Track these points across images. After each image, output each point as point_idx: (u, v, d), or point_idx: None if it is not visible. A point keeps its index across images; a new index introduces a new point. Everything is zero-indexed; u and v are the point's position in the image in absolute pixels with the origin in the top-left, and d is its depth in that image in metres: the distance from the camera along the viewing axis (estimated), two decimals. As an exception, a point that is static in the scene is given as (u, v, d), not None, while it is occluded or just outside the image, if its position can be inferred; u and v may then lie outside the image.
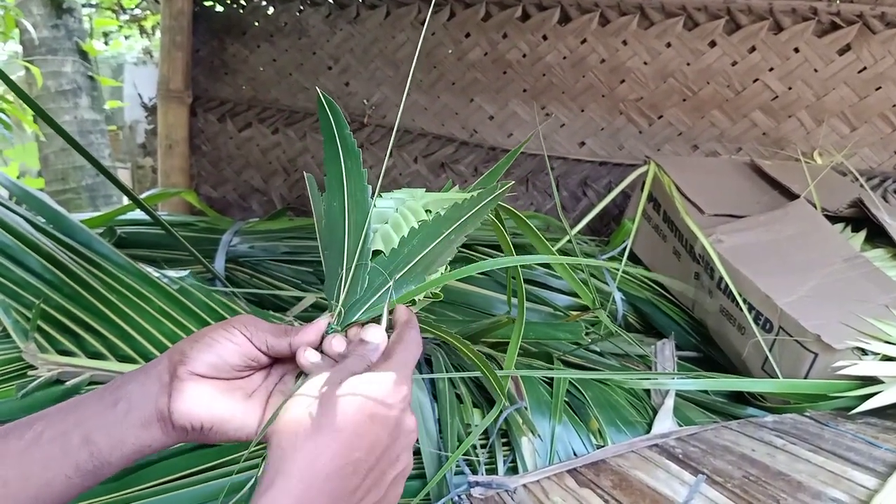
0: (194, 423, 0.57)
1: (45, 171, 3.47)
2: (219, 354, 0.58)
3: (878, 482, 0.81)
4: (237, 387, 0.60)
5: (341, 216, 0.69)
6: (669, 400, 1.11)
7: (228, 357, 0.58)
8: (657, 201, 1.60)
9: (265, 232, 1.62)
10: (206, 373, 0.58)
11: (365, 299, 0.65)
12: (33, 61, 3.22)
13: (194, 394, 0.57)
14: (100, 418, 0.56)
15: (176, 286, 1.11)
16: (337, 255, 0.68)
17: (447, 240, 0.69)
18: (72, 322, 1.02)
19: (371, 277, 0.66)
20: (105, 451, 0.55)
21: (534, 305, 1.46)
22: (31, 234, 1.08)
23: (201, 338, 0.58)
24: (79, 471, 0.55)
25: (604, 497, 0.85)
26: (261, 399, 0.61)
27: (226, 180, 2.47)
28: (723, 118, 1.94)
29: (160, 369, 0.58)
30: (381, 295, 0.65)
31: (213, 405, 0.58)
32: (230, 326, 0.59)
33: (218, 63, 2.38)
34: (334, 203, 0.70)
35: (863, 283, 1.22)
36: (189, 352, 0.57)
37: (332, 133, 0.71)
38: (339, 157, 0.71)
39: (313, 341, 0.60)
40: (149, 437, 0.57)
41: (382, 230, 0.70)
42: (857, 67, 1.81)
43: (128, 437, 0.56)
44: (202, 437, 0.58)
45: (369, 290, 0.66)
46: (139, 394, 0.57)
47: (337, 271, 0.67)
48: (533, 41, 2.02)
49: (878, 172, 1.87)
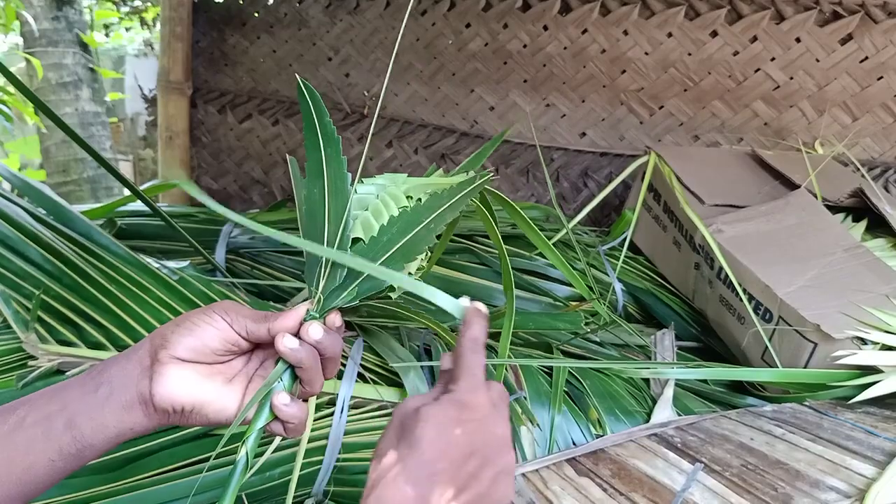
0: (175, 405, 0.58)
1: (46, 163, 3.47)
2: (200, 338, 0.59)
3: (876, 471, 0.81)
4: (218, 371, 0.61)
5: (321, 203, 0.69)
6: (668, 389, 1.11)
7: (209, 341, 0.59)
8: (658, 192, 1.60)
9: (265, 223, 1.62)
10: (187, 357, 0.58)
11: (344, 286, 0.66)
12: (34, 53, 3.22)
13: (175, 377, 0.58)
14: (82, 402, 0.56)
15: (176, 277, 1.11)
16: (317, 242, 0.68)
17: (426, 228, 0.69)
18: (72, 312, 1.02)
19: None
20: (88, 434, 0.56)
21: (533, 296, 1.46)
22: (32, 224, 1.08)
23: (182, 322, 0.59)
24: (62, 454, 0.55)
25: (602, 486, 0.85)
26: (241, 383, 0.62)
27: (226, 172, 2.47)
28: (724, 108, 1.93)
29: (141, 353, 0.59)
30: (360, 282, 0.66)
31: (194, 388, 0.59)
32: (211, 312, 0.60)
33: (218, 54, 2.38)
34: (314, 190, 0.69)
35: (863, 273, 1.22)
36: (171, 336, 0.58)
37: (311, 120, 0.71)
38: (319, 144, 0.70)
39: (292, 327, 0.60)
40: (131, 420, 0.58)
41: (362, 217, 0.70)
42: (859, 57, 1.80)
43: (110, 421, 0.57)
44: (183, 420, 0.60)
45: (349, 278, 0.66)
46: (120, 377, 0.58)
47: (317, 258, 0.67)
48: (533, 31, 2.01)
49: (879, 162, 1.87)
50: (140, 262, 1.10)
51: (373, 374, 1.05)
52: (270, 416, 0.60)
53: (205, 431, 0.96)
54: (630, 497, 0.82)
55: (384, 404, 1.02)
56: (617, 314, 1.54)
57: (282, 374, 0.61)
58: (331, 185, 0.69)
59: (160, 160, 2.40)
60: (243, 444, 0.59)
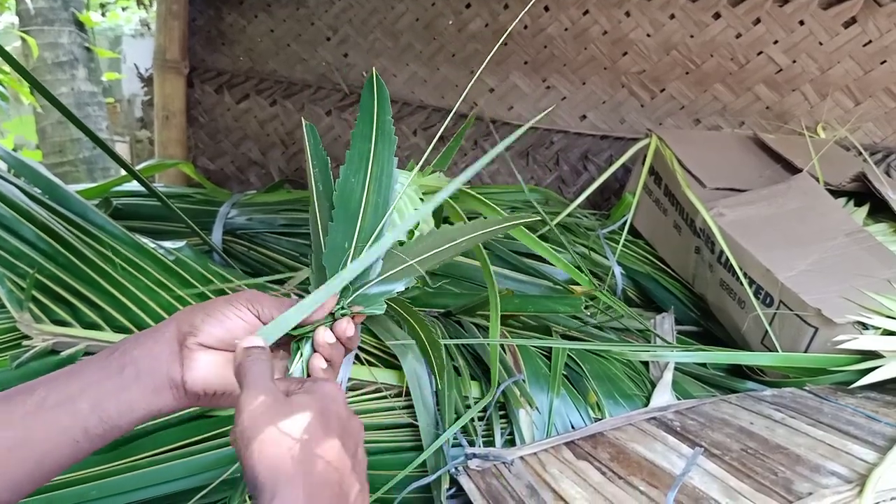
0: (208, 389, 0.60)
1: (42, 143, 3.44)
2: (228, 329, 0.60)
3: (877, 456, 0.81)
4: None
5: (358, 194, 0.70)
6: (668, 373, 1.11)
7: (236, 332, 0.60)
8: (658, 175, 1.59)
9: (263, 204, 1.61)
10: (214, 345, 0.60)
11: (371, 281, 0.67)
12: (29, 32, 3.18)
13: (205, 363, 0.59)
14: (106, 384, 0.57)
15: (172, 257, 1.10)
16: (345, 231, 0.68)
17: (455, 247, 0.73)
18: (67, 292, 1.01)
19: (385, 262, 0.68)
20: (115, 416, 0.56)
21: (533, 279, 1.45)
22: (26, 203, 1.07)
23: (212, 312, 0.60)
24: (87, 435, 0.56)
25: (601, 469, 0.85)
26: None
27: (223, 152, 2.45)
28: (726, 92, 1.91)
29: (168, 337, 0.60)
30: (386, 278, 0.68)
31: (224, 374, 0.60)
32: (238, 303, 0.61)
33: (215, 33, 2.35)
34: (352, 178, 0.70)
35: (864, 258, 1.21)
36: (200, 325, 0.59)
37: (371, 112, 0.73)
38: (372, 136, 0.72)
39: (321, 318, 0.64)
40: (160, 402, 0.59)
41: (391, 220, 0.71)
42: (863, 41, 1.78)
43: (138, 403, 0.57)
44: (212, 403, 0.62)
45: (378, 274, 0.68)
46: (148, 360, 0.58)
47: (343, 246, 0.67)
48: (534, 12, 1.99)
49: (881, 147, 1.85)
50: (136, 242, 1.09)
51: (371, 356, 1.05)
52: None
53: (199, 413, 0.95)
54: (629, 480, 0.82)
55: (381, 386, 1.02)
56: (616, 298, 1.54)
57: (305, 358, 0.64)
58: (375, 181, 0.70)
59: (156, 140, 2.38)
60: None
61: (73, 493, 0.86)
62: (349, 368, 0.99)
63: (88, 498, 0.86)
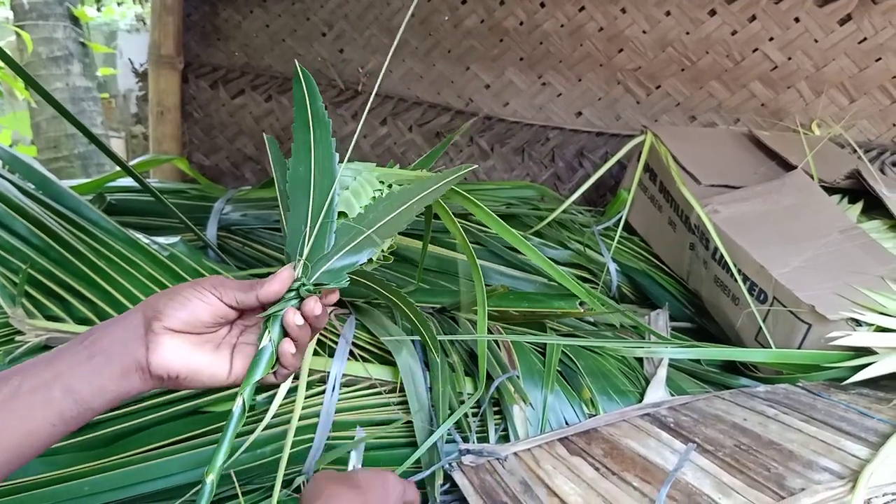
0: (171, 372, 0.63)
1: (36, 138, 3.43)
2: (191, 312, 0.63)
3: (870, 452, 0.81)
4: (206, 340, 0.66)
5: (307, 180, 0.75)
6: (662, 370, 1.11)
7: (200, 315, 0.63)
8: (653, 172, 1.59)
9: (257, 200, 1.61)
10: (179, 328, 0.63)
11: (329, 256, 0.71)
12: (24, 26, 3.17)
13: (169, 347, 0.62)
14: (78, 370, 0.60)
15: (166, 253, 1.09)
16: (300, 215, 0.73)
17: (408, 209, 0.75)
18: (59, 287, 1.01)
19: (337, 236, 0.72)
20: (88, 398, 0.59)
21: (527, 275, 1.45)
22: (19, 199, 1.07)
23: (175, 296, 0.63)
24: (63, 418, 0.58)
25: (595, 465, 0.85)
26: (227, 350, 0.68)
27: (218, 148, 2.45)
28: (721, 89, 1.92)
29: (135, 323, 0.63)
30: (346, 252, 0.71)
31: (187, 357, 0.63)
32: (201, 288, 0.64)
33: (210, 28, 2.35)
34: (300, 168, 0.75)
35: (858, 255, 1.21)
36: (164, 309, 0.62)
37: (304, 102, 0.77)
38: (309, 126, 0.76)
39: (278, 292, 0.66)
40: (128, 384, 0.62)
41: (343, 196, 0.77)
42: (858, 38, 1.79)
43: (109, 386, 0.60)
44: (177, 385, 0.65)
45: (335, 248, 0.71)
46: (117, 346, 0.61)
47: (300, 229, 0.72)
48: (530, 8, 1.99)
49: (876, 144, 1.86)
50: (129, 238, 1.09)
51: (364, 352, 1.05)
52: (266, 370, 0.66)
53: (193, 409, 0.95)
54: (622, 476, 0.82)
55: (375, 382, 1.02)
56: (611, 295, 1.54)
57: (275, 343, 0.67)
58: (318, 165, 0.75)
59: (151, 136, 2.38)
60: (240, 395, 0.64)
61: (65, 488, 0.86)
62: (344, 364, 0.99)
63: (82, 494, 0.86)
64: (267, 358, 0.66)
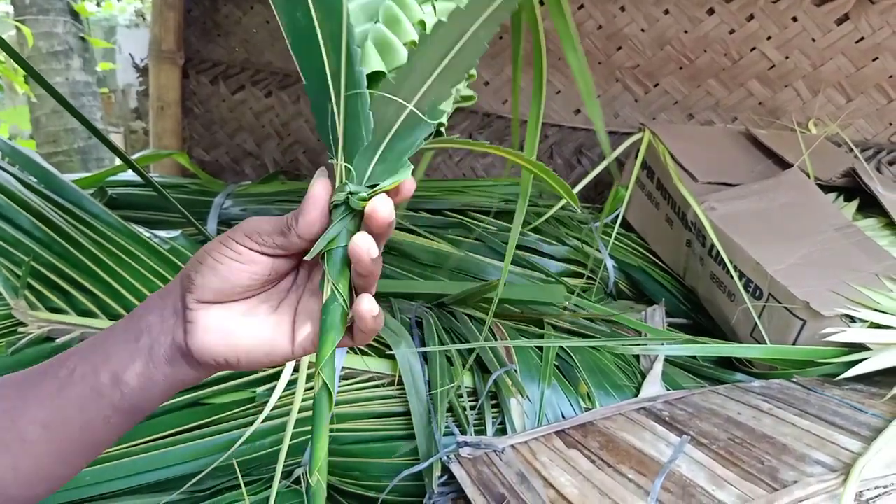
0: (216, 357, 0.51)
1: (36, 133, 3.43)
2: (225, 278, 0.49)
3: (862, 446, 0.82)
4: (260, 303, 0.52)
5: (311, 29, 0.49)
6: (658, 365, 1.12)
7: (237, 279, 0.49)
8: (651, 169, 1.60)
9: (258, 195, 1.62)
10: (215, 299, 0.50)
11: (376, 143, 0.48)
12: (24, 21, 3.17)
13: (209, 326, 0.50)
14: (125, 353, 0.50)
15: (167, 246, 1.10)
16: (320, 86, 0.49)
17: (475, 37, 0.46)
18: (62, 280, 1.01)
19: (379, 112, 0.48)
20: (137, 392, 0.50)
21: (525, 271, 1.46)
22: (21, 192, 1.08)
23: (204, 259, 0.50)
24: (116, 410, 0.50)
25: (590, 457, 0.86)
26: (288, 312, 0.52)
27: (218, 143, 2.45)
28: (719, 87, 1.93)
29: (175, 297, 0.51)
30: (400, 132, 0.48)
31: (231, 337, 0.50)
32: (231, 242, 0.49)
33: (211, 24, 2.35)
34: (297, 13, 0.50)
35: (853, 252, 1.22)
36: (195, 277, 0.50)
37: None
38: None
39: (317, 219, 0.48)
40: (179, 373, 0.52)
41: (375, 33, 0.50)
42: (855, 38, 1.80)
43: (157, 377, 0.51)
44: (235, 368, 0.53)
45: (380, 130, 0.48)
46: (158, 326, 0.51)
47: (326, 107, 0.49)
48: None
49: (872, 143, 1.87)
50: (131, 231, 1.09)
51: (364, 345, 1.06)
52: (341, 331, 0.49)
53: (193, 400, 0.96)
54: (618, 469, 0.83)
55: (374, 375, 1.03)
56: (608, 291, 1.55)
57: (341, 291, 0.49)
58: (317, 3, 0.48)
59: (152, 131, 2.38)
60: (319, 375, 0.49)
61: (68, 478, 0.86)
62: (343, 357, 1.00)
63: (82, 483, 0.87)
64: (338, 316, 0.49)
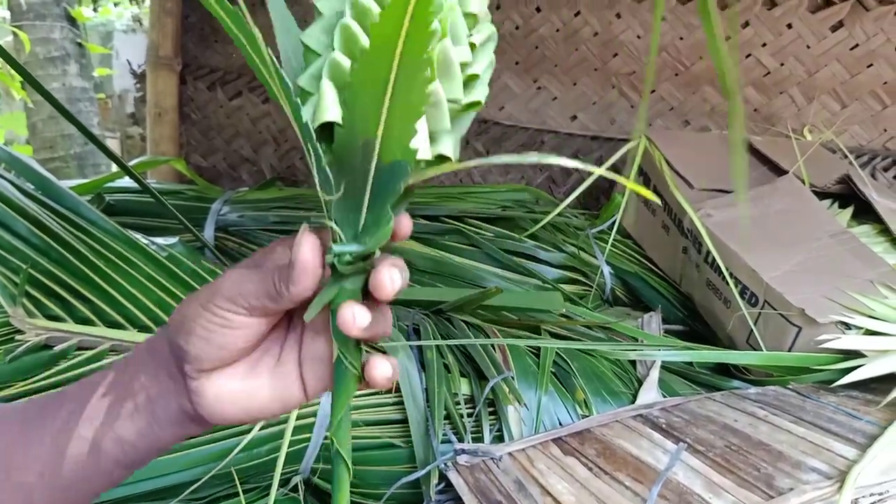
0: (230, 419, 0.48)
1: (32, 138, 3.44)
2: (220, 346, 0.46)
3: (857, 453, 0.82)
4: (263, 353, 0.50)
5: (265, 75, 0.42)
6: (655, 371, 1.13)
7: (231, 345, 0.46)
8: (647, 176, 1.61)
9: (255, 201, 1.62)
10: (214, 367, 0.47)
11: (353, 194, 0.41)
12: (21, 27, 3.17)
13: (218, 395, 0.48)
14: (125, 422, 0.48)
15: (164, 253, 1.10)
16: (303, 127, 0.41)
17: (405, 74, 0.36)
18: (60, 287, 1.01)
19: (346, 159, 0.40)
20: (142, 451, 0.49)
21: (522, 277, 1.46)
22: (19, 198, 1.08)
23: (192, 329, 0.46)
24: (119, 465, 0.49)
25: (588, 465, 0.86)
26: (293, 361, 0.50)
27: (216, 149, 2.46)
28: (714, 94, 1.93)
29: (166, 361, 0.48)
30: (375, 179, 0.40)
31: (242, 401, 0.48)
32: (216, 308, 0.45)
33: (208, 30, 2.36)
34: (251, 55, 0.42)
35: (848, 259, 1.23)
36: (187, 348, 0.46)
37: None
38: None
39: (309, 287, 0.44)
40: (188, 431, 0.50)
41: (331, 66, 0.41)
42: (850, 44, 1.81)
43: (163, 435, 0.49)
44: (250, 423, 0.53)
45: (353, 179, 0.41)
46: (156, 389, 0.48)
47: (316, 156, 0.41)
48: (526, 13, 2.00)
49: (867, 150, 1.88)
50: (129, 238, 1.10)
51: (361, 352, 1.06)
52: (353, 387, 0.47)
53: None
54: (615, 476, 0.83)
55: (372, 383, 1.03)
56: (605, 297, 1.56)
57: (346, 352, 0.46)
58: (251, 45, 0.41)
59: (149, 137, 2.38)
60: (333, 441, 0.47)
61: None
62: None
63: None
64: (348, 380, 0.46)
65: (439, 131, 0.41)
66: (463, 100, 0.42)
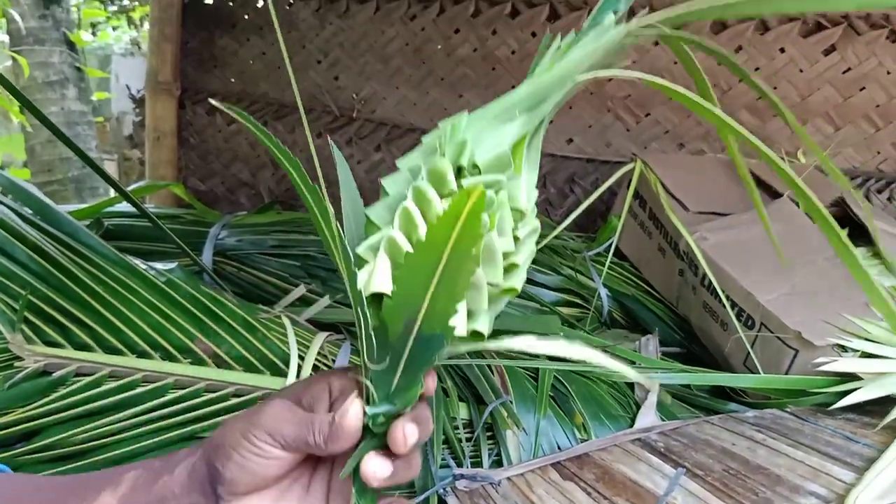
0: None
1: (30, 162, 3.44)
2: (254, 473, 0.50)
3: (855, 476, 0.83)
4: (293, 480, 0.54)
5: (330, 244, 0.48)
6: (652, 395, 1.13)
7: (265, 473, 0.50)
8: (643, 199, 1.62)
9: (253, 225, 1.62)
10: (248, 491, 0.51)
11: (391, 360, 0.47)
12: (20, 51, 3.20)
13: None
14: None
15: (163, 278, 1.11)
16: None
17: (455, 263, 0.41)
18: (58, 313, 1.01)
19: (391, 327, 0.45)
20: None
21: (519, 301, 1.47)
22: (17, 224, 1.08)
23: (230, 455, 0.49)
24: None
25: (587, 490, 0.86)
26: (321, 489, 0.54)
27: (214, 173, 2.47)
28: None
29: (202, 484, 0.51)
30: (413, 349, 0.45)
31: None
32: (254, 439, 0.49)
33: (207, 55, 2.38)
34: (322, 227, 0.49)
35: (843, 281, 1.24)
36: (225, 473, 0.50)
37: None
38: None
39: (353, 443, 0.49)
40: None
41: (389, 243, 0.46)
42: (842, 68, 1.83)
43: None
44: None
45: (392, 346, 0.46)
46: (186, 499, 0.51)
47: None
48: (522, 38, 2.03)
49: (860, 172, 1.89)
50: (127, 264, 1.10)
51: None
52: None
53: (190, 434, 0.96)
54: (613, 501, 0.83)
55: (371, 407, 1.03)
56: (602, 320, 1.56)
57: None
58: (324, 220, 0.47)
59: (148, 161, 2.39)
60: None
61: None
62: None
63: None
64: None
65: (477, 310, 0.47)
66: (502, 285, 0.47)
